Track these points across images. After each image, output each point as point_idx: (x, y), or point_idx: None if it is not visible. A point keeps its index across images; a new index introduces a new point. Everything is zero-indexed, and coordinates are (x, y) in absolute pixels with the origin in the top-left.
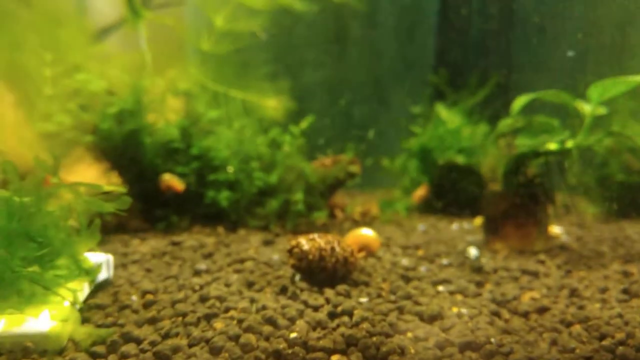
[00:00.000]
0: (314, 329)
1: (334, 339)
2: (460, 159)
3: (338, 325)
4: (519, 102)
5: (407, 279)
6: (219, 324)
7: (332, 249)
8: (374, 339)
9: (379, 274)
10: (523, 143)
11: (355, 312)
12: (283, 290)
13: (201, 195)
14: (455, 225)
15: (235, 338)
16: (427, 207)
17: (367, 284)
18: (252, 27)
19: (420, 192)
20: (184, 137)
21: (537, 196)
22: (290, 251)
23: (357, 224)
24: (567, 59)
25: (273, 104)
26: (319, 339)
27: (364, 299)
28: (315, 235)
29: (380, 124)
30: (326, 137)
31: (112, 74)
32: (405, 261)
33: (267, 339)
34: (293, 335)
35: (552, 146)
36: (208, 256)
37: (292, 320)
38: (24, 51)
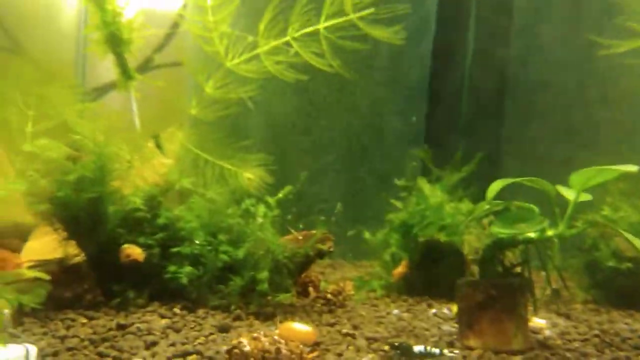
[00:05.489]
0: None
1: None
2: (442, 237)
3: None
4: (494, 187)
5: None
6: None
7: (278, 350)
8: None
9: None
10: (498, 232)
11: None
12: None
13: (163, 269)
14: (433, 311)
15: None
16: (406, 286)
17: None
18: (242, 94)
19: (401, 269)
20: (151, 206)
21: (515, 288)
22: (229, 352)
23: (328, 303)
24: (558, 135)
25: (250, 176)
26: None
27: None
28: (261, 334)
29: (368, 194)
30: (309, 207)
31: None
32: None
33: None
34: None
35: (532, 234)
36: (150, 346)
37: None
38: (9, 104)
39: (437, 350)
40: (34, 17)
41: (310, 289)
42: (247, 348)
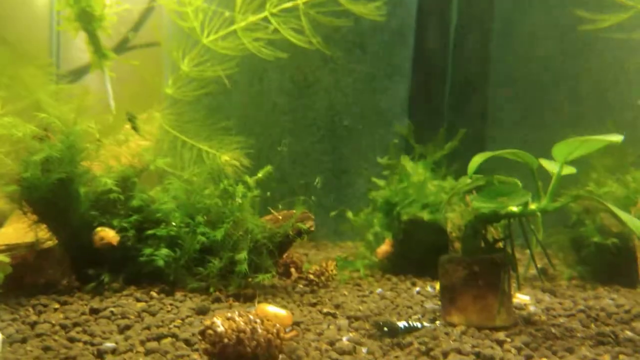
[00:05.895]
0: None
1: None
2: (425, 215)
3: None
4: (476, 160)
5: None
6: None
7: (253, 330)
8: None
9: (310, 358)
10: (480, 206)
11: None
12: None
13: (139, 252)
14: (417, 289)
15: None
16: (390, 265)
17: None
18: (219, 72)
19: (384, 248)
20: (124, 187)
21: (498, 263)
22: (202, 333)
23: (311, 284)
24: (545, 112)
25: (228, 158)
26: None
27: None
28: (235, 314)
29: (350, 174)
30: (293, 188)
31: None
32: (345, 339)
33: None
34: None
35: (515, 208)
36: (124, 329)
37: None
38: None
39: (419, 324)
40: None
41: (293, 269)
42: (221, 329)
